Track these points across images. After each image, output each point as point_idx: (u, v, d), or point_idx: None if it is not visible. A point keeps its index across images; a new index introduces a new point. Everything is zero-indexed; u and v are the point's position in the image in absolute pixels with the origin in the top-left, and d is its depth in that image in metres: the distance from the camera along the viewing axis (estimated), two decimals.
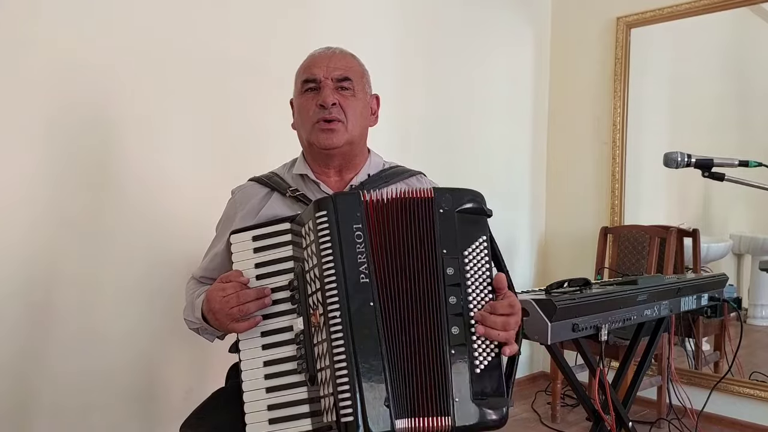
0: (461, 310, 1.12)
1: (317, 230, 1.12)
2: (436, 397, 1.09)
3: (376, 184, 1.41)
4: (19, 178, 1.87)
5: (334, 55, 1.40)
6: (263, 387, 1.17)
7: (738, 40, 3.24)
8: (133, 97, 2.08)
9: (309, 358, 1.13)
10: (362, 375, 1.06)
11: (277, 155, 1.64)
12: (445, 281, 1.13)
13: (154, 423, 2.18)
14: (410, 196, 1.17)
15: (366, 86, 1.44)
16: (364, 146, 1.48)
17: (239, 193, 1.48)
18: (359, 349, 1.07)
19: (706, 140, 3.25)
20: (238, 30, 2.33)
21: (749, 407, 2.93)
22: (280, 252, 1.21)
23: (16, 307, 1.88)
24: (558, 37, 3.63)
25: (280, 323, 1.19)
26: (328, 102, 1.35)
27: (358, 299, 1.09)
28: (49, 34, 1.91)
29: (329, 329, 1.08)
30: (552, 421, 3.01)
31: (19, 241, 1.88)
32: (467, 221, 1.16)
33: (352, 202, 1.14)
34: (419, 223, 1.15)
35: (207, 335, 1.39)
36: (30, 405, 1.92)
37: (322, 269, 1.10)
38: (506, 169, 3.47)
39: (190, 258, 1.58)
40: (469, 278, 1.14)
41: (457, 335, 1.11)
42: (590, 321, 1.82)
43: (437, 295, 1.12)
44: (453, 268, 1.13)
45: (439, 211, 1.15)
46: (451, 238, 1.14)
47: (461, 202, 1.17)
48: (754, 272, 3.16)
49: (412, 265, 1.14)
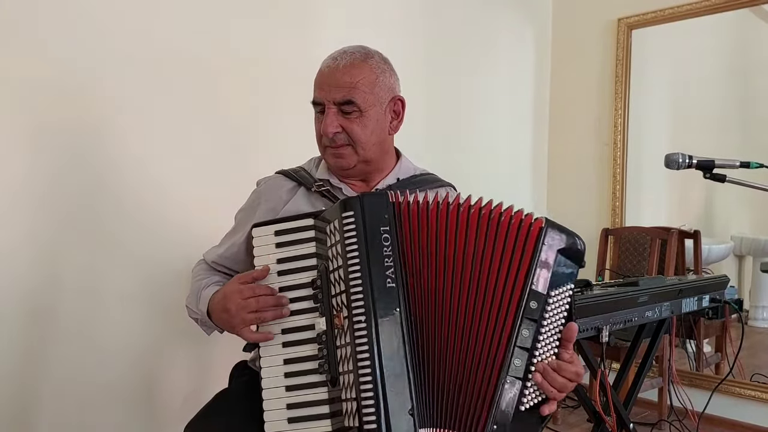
0: (529, 345, 1.10)
1: (343, 231, 1.10)
2: (476, 417, 1.08)
3: (405, 188, 1.34)
4: (15, 181, 1.87)
5: (337, 71, 1.30)
6: (283, 385, 1.16)
7: (739, 42, 3.24)
8: (128, 100, 2.07)
9: (331, 359, 1.12)
10: (387, 382, 1.04)
11: (275, 156, 1.64)
12: (524, 313, 1.09)
13: (156, 425, 2.18)
14: (517, 215, 1.12)
15: (381, 95, 1.32)
16: (388, 153, 1.41)
17: (264, 184, 1.44)
18: (384, 356, 1.05)
19: (707, 141, 3.24)
20: (234, 29, 2.32)
21: (750, 409, 2.93)
22: (302, 248, 1.20)
23: (16, 312, 1.88)
24: (559, 38, 3.63)
25: (302, 321, 1.18)
26: (329, 132, 1.29)
27: (384, 305, 1.08)
28: (42, 35, 1.90)
29: (353, 333, 1.07)
30: (553, 423, 3.01)
31: (19, 246, 1.88)
32: (563, 264, 1.14)
33: (379, 204, 1.12)
34: (519, 247, 1.11)
35: (205, 328, 1.36)
36: (31, 407, 1.92)
37: (348, 271, 1.09)
38: (507, 170, 3.47)
39: (189, 261, 1.59)
40: (547, 319, 1.11)
41: (518, 368, 1.09)
42: (591, 322, 1.81)
43: (509, 322, 1.09)
44: (537, 303, 1.10)
45: (543, 244, 1.11)
46: (544, 275, 1.11)
47: (567, 242, 1.14)
48: (756, 274, 3.15)
49: (461, 280, 1.10)
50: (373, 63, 1.33)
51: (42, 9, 1.89)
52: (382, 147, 1.37)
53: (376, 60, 1.34)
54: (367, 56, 1.33)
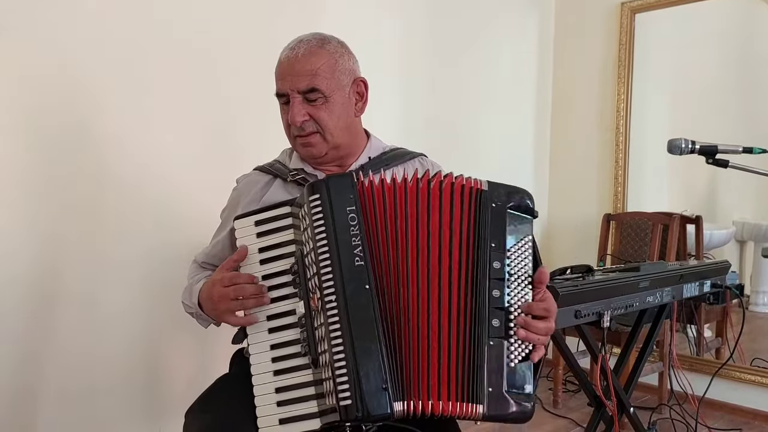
0: (503, 304, 1.13)
1: (311, 214, 1.12)
2: (467, 384, 1.10)
3: (377, 167, 1.38)
4: (15, 172, 1.87)
5: (297, 60, 1.30)
6: (271, 370, 1.18)
7: (744, 26, 3.21)
8: (126, 92, 2.06)
9: (311, 341, 1.14)
10: (359, 358, 1.06)
11: (276, 145, 1.63)
12: (490, 274, 1.13)
13: (158, 410, 2.20)
14: (458, 182, 1.16)
15: (342, 79, 1.34)
16: (357, 136, 1.43)
17: (243, 182, 1.48)
18: (356, 333, 1.07)
19: (710, 126, 3.23)
20: (235, 19, 2.31)
21: (750, 393, 2.95)
22: (282, 236, 1.21)
23: (19, 297, 1.89)
24: (562, 22, 3.60)
25: (285, 307, 1.19)
26: (297, 122, 1.31)
27: (353, 283, 1.09)
28: (40, 28, 1.89)
29: (326, 313, 1.09)
30: (554, 407, 3.03)
31: (20, 236, 1.88)
32: (516, 219, 1.16)
33: (344, 185, 1.13)
34: (465, 213, 1.15)
35: (201, 321, 1.39)
36: (35, 390, 1.94)
37: (317, 253, 1.11)
38: (509, 155, 3.46)
39: (192, 247, 1.59)
40: (512, 275, 1.15)
41: (497, 328, 1.12)
42: (592, 307, 1.82)
43: (480, 286, 1.12)
44: (499, 262, 1.13)
45: (491, 205, 1.15)
46: (500, 234, 1.14)
47: (514, 199, 1.17)
48: (757, 259, 3.16)
49: (427, 250, 1.13)
50: (330, 48, 1.34)
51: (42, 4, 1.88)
52: (350, 130, 1.39)
53: (333, 45, 1.35)
54: (323, 42, 1.34)
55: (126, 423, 2.11)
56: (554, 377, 3.06)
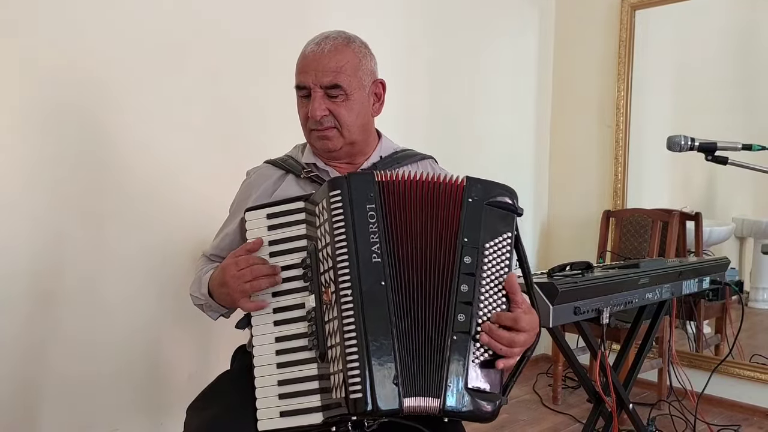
0: (471, 300, 1.12)
1: (331, 209, 1.13)
2: (430, 377, 1.09)
3: (388, 166, 1.40)
4: (20, 169, 1.88)
5: (323, 56, 1.32)
6: (274, 363, 1.18)
7: (743, 23, 3.21)
8: (132, 86, 2.07)
9: (320, 335, 1.14)
10: (372, 353, 1.06)
11: (279, 139, 1.64)
12: (460, 269, 1.13)
13: (159, 406, 2.21)
14: (438, 181, 1.17)
15: (364, 79, 1.36)
16: (371, 134, 1.45)
17: (254, 174, 1.48)
18: (369, 328, 1.08)
19: (709, 123, 3.23)
20: (238, 12, 2.31)
21: (749, 389, 2.95)
22: (293, 230, 1.22)
23: (22, 291, 1.90)
24: (562, 19, 3.60)
25: (293, 300, 1.20)
26: (317, 116, 1.32)
27: (370, 278, 1.10)
28: (45, 23, 1.90)
29: (340, 307, 1.09)
30: (553, 403, 3.04)
31: (24, 228, 1.89)
32: (495, 215, 1.16)
33: (365, 182, 1.15)
34: (445, 209, 1.16)
35: (211, 312, 1.39)
36: (37, 383, 1.95)
37: (335, 248, 1.11)
38: (509, 152, 3.47)
39: (194, 242, 1.60)
40: (486, 271, 1.14)
41: (462, 323, 1.11)
42: (592, 304, 1.82)
43: (449, 280, 1.13)
44: (471, 258, 1.13)
45: (468, 200, 1.16)
46: (474, 229, 1.14)
47: (492, 195, 1.17)
48: (756, 256, 3.16)
49: (429, 249, 1.14)
50: (355, 47, 1.36)
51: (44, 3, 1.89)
52: (366, 129, 1.41)
53: (358, 44, 1.38)
54: (349, 41, 1.36)
55: (127, 416, 2.12)
56: (554, 373, 3.07)
